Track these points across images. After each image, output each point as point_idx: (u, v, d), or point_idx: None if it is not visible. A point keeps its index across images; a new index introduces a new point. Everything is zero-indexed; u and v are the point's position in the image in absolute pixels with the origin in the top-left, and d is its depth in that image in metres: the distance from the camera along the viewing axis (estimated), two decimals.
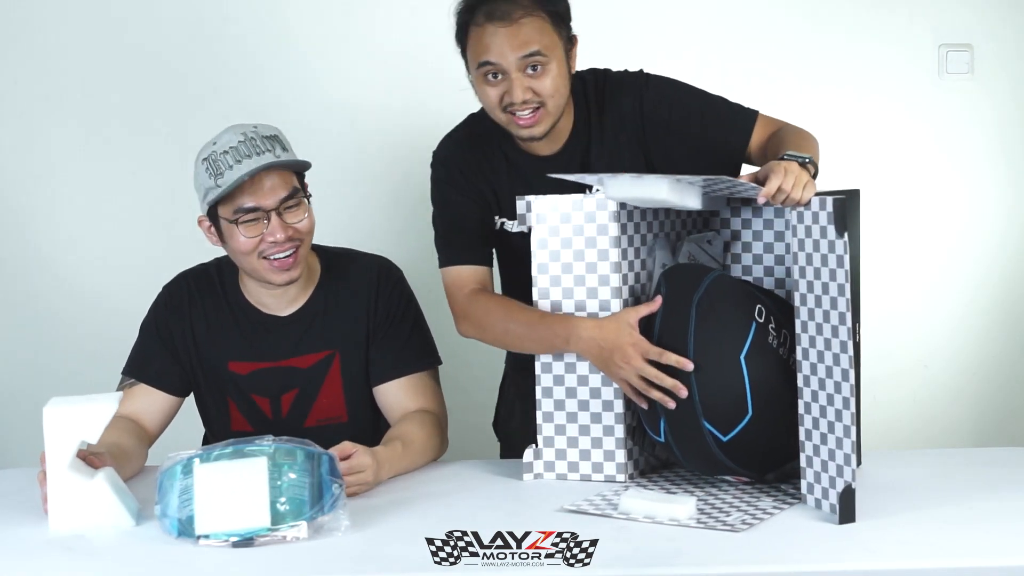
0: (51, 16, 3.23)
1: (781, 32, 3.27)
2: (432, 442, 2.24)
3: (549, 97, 2.16)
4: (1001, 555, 1.68)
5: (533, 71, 2.14)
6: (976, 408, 3.37)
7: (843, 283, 1.82)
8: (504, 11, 2.13)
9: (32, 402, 2.27)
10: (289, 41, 3.24)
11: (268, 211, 2.16)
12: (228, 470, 1.81)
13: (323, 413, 2.32)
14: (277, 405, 2.32)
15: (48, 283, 3.30)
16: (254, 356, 2.31)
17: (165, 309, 2.34)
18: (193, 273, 2.38)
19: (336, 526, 1.82)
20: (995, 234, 3.33)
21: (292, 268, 2.21)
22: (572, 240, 2.10)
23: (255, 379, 2.31)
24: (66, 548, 1.82)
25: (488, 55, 2.14)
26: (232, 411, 2.34)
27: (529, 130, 2.18)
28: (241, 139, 2.16)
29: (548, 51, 2.14)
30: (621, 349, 1.99)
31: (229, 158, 2.15)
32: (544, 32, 2.14)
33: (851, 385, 1.81)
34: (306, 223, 2.21)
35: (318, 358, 2.31)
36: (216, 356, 2.31)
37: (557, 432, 2.13)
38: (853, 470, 1.81)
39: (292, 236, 2.19)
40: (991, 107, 3.29)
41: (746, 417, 1.93)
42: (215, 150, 2.17)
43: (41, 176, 3.27)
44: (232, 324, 2.31)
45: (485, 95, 2.19)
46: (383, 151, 3.26)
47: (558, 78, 2.16)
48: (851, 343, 1.81)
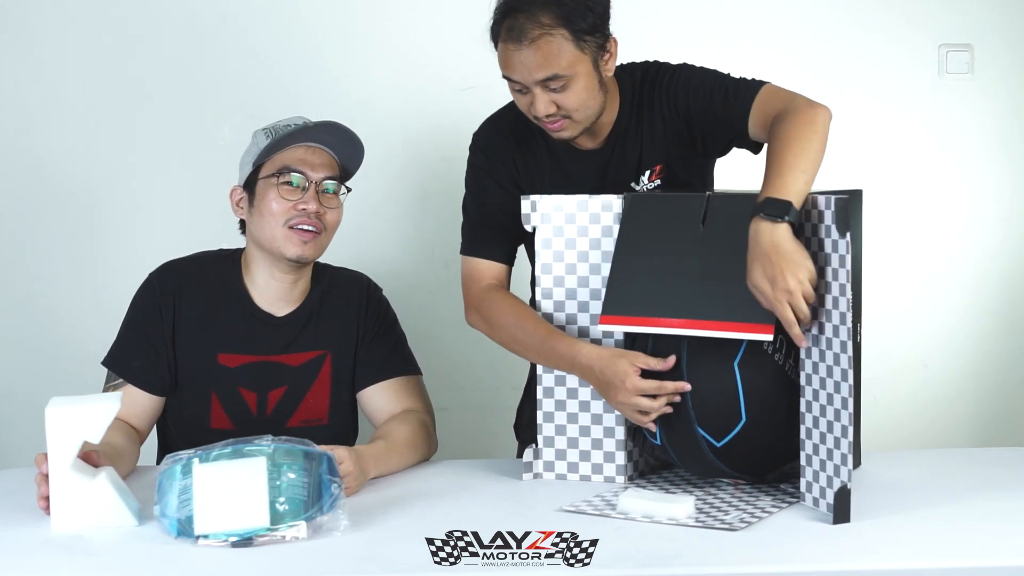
0: (51, 17, 3.23)
1: (781, 32, 3.27)
2: (417, 440, 2.24)
3: (574, 111, 2.12)
4: (1001, 555, 1.68)
5: (555, 90, 2.09)
6: (976, 408, 3.37)
7: (844, 283, 1.82)
8: (520, 31, 2.06)
9: (32, 402, 2.27)
10: (289, 41, 3.24)
11: (309, 181, 2.25)
12: (227, 470, 1.81)
13: (308, 414, 2.32)
14: (263, 401, 2.31)
15: (48, 283, 3.30)
16: (245, 349, 2.30)
17: (151, 297, 2.31)
18: (185, 262, 2.36)
19: (335, 526, 1.82)
20: (995, 234, 3.33)
21: (310, 243, 2.25)
22: (576, 241, 2.10)
23: (244, 372, 2.30)
24: (66, 548, 1.82)
25: (510, 72, 2.11)
26: (214, 406, 2.30)
27: (559, 134, 2.16)
28: (303, 123, 2.29)
29: (569, 69, 2.08)
30: (618, 388, 2.00)
31: (291, 128, 2.27)
32: (563, 50, 2.07)
33: (850, 385, 1.81)
34: (335, 214, 2.29)
35: (310, 357, 2.32)
36: (205, 347, 2.29)
37: (558, 432, 2.13)
38: (849, 470, 1.81)
39: (321, 216, 2.25)
40: (991, 107, 3.29)
41: (739, 423, 1.93)
42: (277, 123, 2.29)
43: (41, 175, 3.27)
44: (225, 316, 2.30)
45: (516, 100, 2.18)
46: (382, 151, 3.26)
47: (584, 91, 2.11)
48: (851, 343, 1.81)
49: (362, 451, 2.09)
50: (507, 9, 2.09)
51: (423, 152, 3.21)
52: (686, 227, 2.01)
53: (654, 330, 1.98)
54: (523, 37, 2.06)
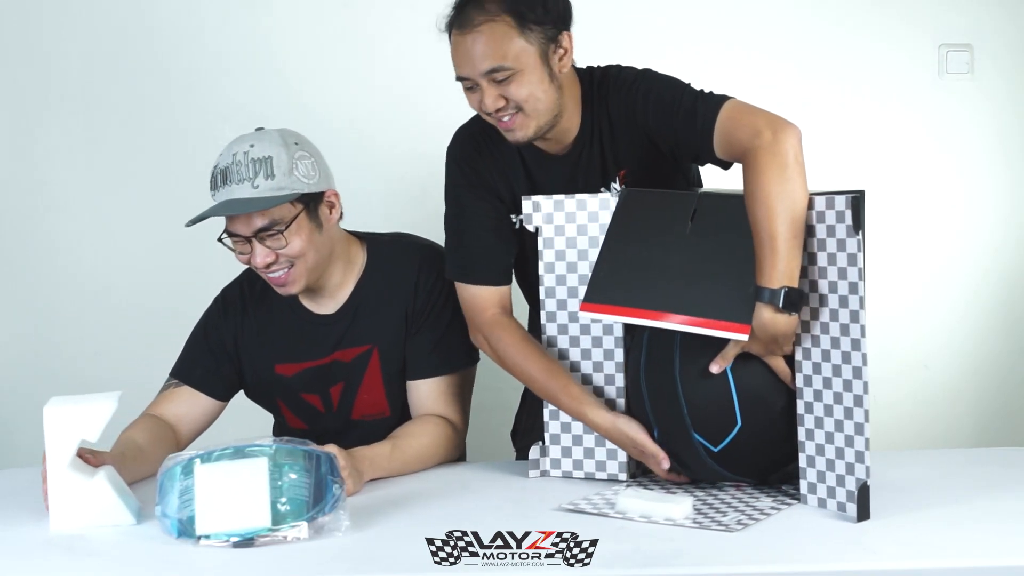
0: (51, 16, 3.23)
1: (781, 32, 3.28)
2: (434, 450, 2.23)
3: (524, 102, 2.08)
4: (1001, 555, 1.68)
5: (501, 81, 2.07)
6: (976, 408, 3.37)
7: (855, 281, 1.82)
8: (466, 18, 2.06)
9: (32, 402, 2.27)
10: (290, 41, 3.24)
11: (248, 237, 2.16)
12: (228, 470, 1.81)
13: (366, 408, 2.33)
14: (328, 399, 2.34)
15: (48, 283, 3.30)
16: (299, 356, 2.32)
17: (217, 316, 2.35)
18: (248, 278, 2.37)
19: (336, 526, 1.82)
20: (995, 234, 3.33)
21: (287, 285, 2.21)
22: (576, 240, 2.11)
23: (302, 379, 2.33)
24: (66, 548, 1.82)
25: (459, 68, 2.09)
26: (284, 411, 2.37)
27: (512, 134, 2.12)
28: (230, 162, 2.13)
29: (514, 61, 2.05)
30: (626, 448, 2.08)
31: (218, 179, 2.14)
32: (507, 39, 2.05)
33: (864, 383, 1.80)
34: (291, 248, 2.16)
35: (358, 352, 2.32)
36: (264, 360, 2.33)
37: (563, 430, 2.13)
38: (867, 467, 1.81)
39: (279, 259, 2.17)
40: (991, 107, 3.30)
41: (735, 427, 1.93)
42: (217, 164, 2.16)
43: (42, 176, 3.28)
44: (279, 327, 2.33)
45: (469, 101, 2.15)
46: (381, 150, 3.27)
47: (534, 83, 2.07)
48: (863, 341, 1.81)
49: (359, 453, 2.09)
50: (460, 3, 2.10)
51: (421, 150, 3.21)
52: (675, 223, 2.01)
53: (632, 320, 1.98)
54: (468, 24, 2.06)
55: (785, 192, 1.87)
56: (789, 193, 1.87)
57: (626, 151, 2.19)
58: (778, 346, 1.90)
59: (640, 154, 2.18)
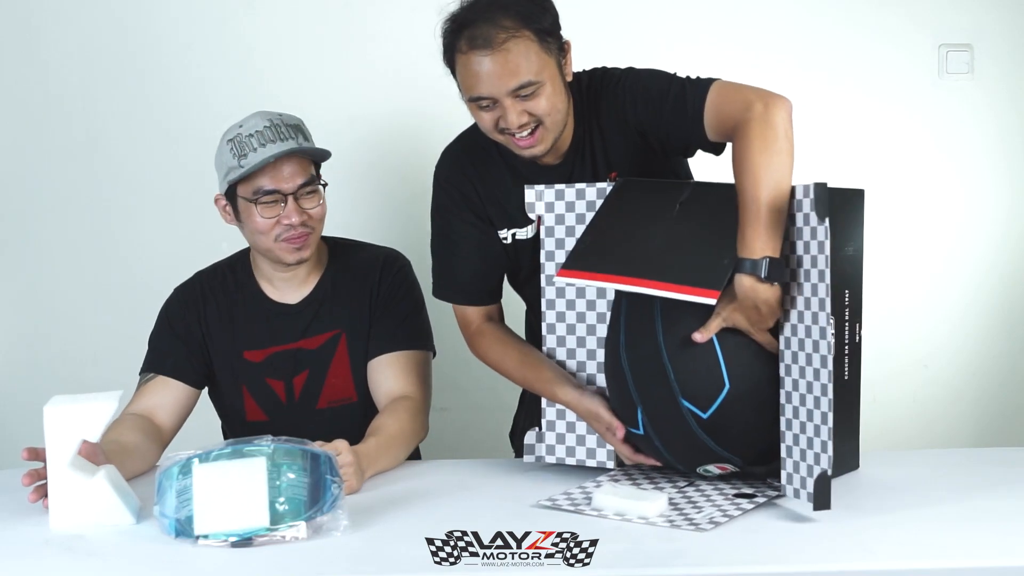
0: (51, 17, 3.23)
1: (781, 32, 3.27)
2: (406, 432, 2.24)
3: (546, 115, 2.07)
4: (1001, 555, 1.68)
5: (525, 97, 2.05)
6: (976, 408, 3.37)
7: (823, 269, 1.81)
8: (486, 37, 2.01)
9: (32, 402, 2.26)
10: (289, 41, 3.24)
11: (286, 195, 2.25)
12: (227, 470, 1.81)
13: (334, 394, 2.37)
14: (290, 388, 2.37)
15: (48, 283, 3.30)
16: (267, 342, 2.37)
17: (177, 307, 2.40)
18: (206, 273, 2.45)
19: (335, 526, 1.82)
20: (995, 234, 3.33)
21: (303, 248, 2.30)
22: (576, 228, 2.11)
23: (268, 363, 2.37)
24: (66, 548, 1.82)
25: (479, 89, 2.04)
26: (246, 400, 2.39)
27: (530, 150, 2.11)
28: (267, 124, 2.26)
29: (539, 74, 2.04)
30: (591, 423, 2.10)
31: (254, 141, 2.24)
32: (531, 53, 2.03)
33: (829, 372, 1.79)
34: (319, 210, 2.30)
35: (325, 338, 2.37)
36: (231, 347, 2.38)
37: (559, 416, 2.15)
38: (830, 457, 1.80)
39: (306, 221, 2.27)
40: (991, 107, 3.29)
41: (724, 390, 1.91)
42: (241, 132, 2.26)
43: (42, 176, 3.28)
44: (245, 316, 2.38)
45: (480, 119, 2.12)
46: (381, 151, 3.26)
47: (553, 96, 2.07)
48: (830, 330, 1.80)
49: (359, 450, 2.09)
50: (462, 22, 2.05)
51: (419, 150, 3.21)
52: (664, 207, 2.01)
53: (604, 284, 1.99)
54: (490, 43, 2.01)
55: (772, 164, 1.88)
56: (777, 165, 1.88)
57: (618, 154, 2.20)
58: (762, 318, 1.88)
59: (632, 156, 2.19)
